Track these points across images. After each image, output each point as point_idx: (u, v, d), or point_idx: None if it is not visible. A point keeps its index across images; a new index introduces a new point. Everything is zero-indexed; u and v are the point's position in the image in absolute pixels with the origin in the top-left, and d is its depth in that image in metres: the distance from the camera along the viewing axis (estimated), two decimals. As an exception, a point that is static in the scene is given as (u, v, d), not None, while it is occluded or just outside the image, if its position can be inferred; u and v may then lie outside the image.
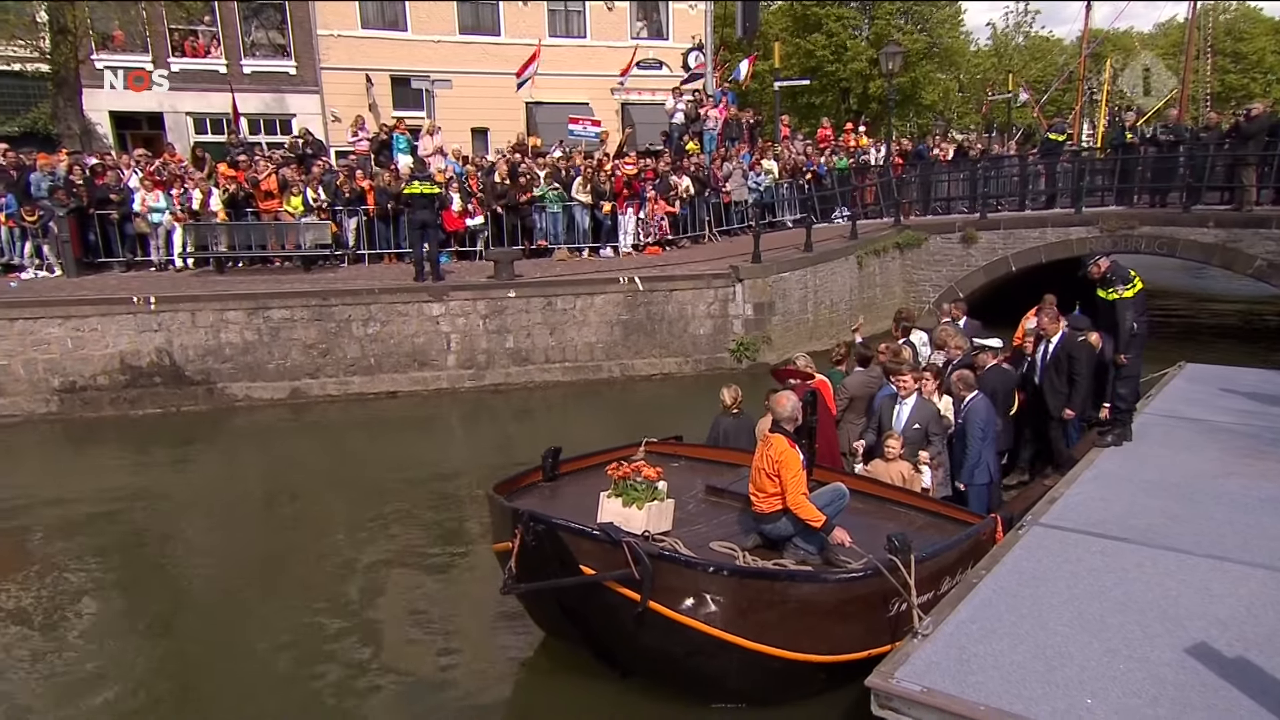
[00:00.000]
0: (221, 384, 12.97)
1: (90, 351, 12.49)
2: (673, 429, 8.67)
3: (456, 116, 23.15)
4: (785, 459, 5.77)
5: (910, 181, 20.50)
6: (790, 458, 5.78)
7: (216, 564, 8.52)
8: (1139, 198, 17.67)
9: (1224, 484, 7.20)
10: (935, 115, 46.73)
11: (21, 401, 12.32)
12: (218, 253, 15.01)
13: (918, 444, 7.57)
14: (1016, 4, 66.47)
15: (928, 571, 5.64)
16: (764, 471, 5.88)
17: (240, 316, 12.97)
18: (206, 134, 22.86)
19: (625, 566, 5.21)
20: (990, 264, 17.60)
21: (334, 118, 23.53)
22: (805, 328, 15.99)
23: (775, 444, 5.86)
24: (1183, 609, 5.29)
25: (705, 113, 21.23)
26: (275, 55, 23.71)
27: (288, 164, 16.23)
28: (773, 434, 5.98)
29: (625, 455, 7.07)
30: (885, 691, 4.68)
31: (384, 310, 13.45)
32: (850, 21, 39.68)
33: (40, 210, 14.33)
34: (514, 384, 14.00)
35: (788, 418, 6.08)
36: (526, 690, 6.42)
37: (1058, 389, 7.95)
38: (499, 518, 6.05)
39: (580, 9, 26.20)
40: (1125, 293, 7.85)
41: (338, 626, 7.10)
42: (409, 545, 8.79)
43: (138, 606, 7.61)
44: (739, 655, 5.36)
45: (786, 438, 5.92)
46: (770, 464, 5.82)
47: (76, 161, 14.90)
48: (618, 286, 14.42)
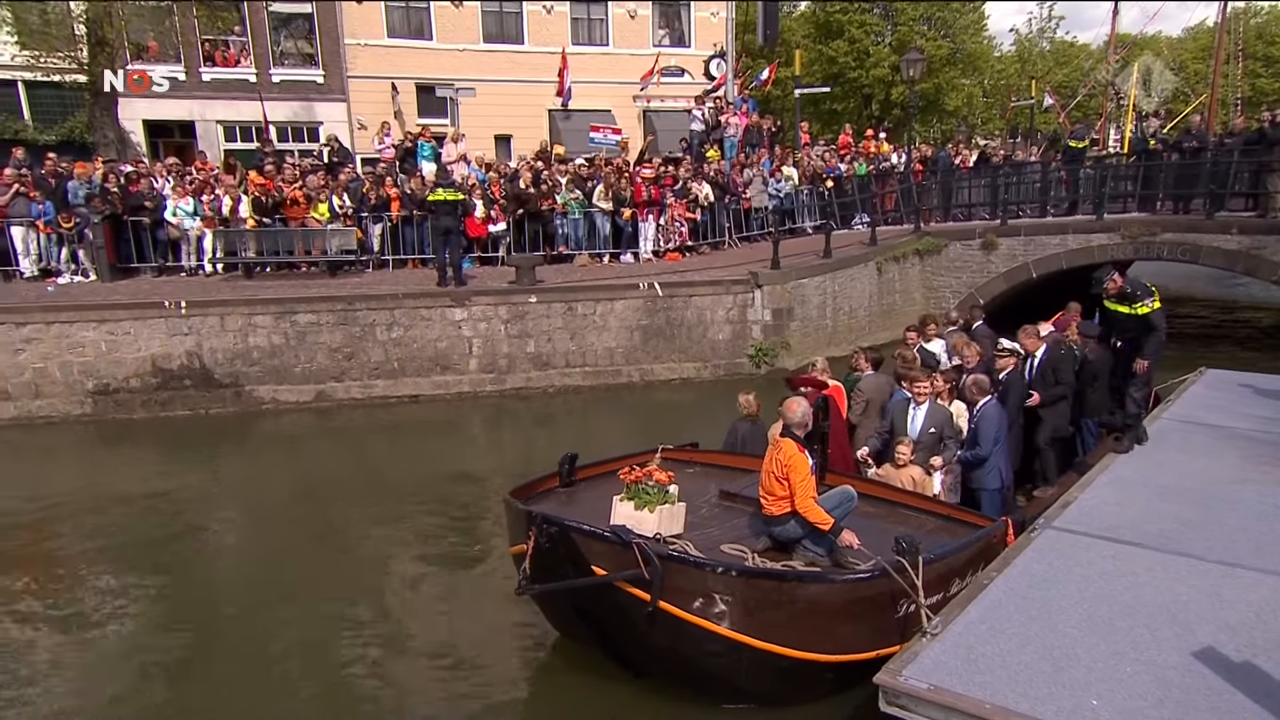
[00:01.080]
0: (249, 387, 13.25)
1: (123, 354, 12.82)
2: (691, 434, 8.80)
3: (480, 124, 23.50)
4: (793, 463, 5.86)
5: (931, 188, 20.49)
6: (798, 462, 5.87)
7: (242, 562, 8.76)
8: (1162, 204, 17.54)
9: (1240, 490, 7.19)
10: (959, 121, 46.49)
11: (58, 403, 12.66)
12: (246, 258, 15.33)
13: (932, 448, 7.64)
14: (1040, 4, 65.83)
15: (936, 573, 5.70)
16: (773, 475, 5.99)
17: (268, 321, 13.25)
18: (236, 142, 23.37)
19: (636, 568, 5.33)
20: (1010, 270, 17.53)
21: (360, 125, 23.96)
22: (824, 333, 16.04)
23: (784, 448, 5.96)
24: (1192, 613, 5.31)
25: (726, 120, 21.36)
26: (304, 64, 24.18)
27: (315, 171, 16.55)
28: (782, 438, 6.08)
29: (641, 461, 7.20)
30: (893, 688, 4.76)
31: (407, 315, 13.68)
32: (873, 28, 39.57)
33: (77, 217, 14.71)
34: (534, 388, 14.18)
35: (798, 423, 6.19)
36: (541, 689, 6.54)
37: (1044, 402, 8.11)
38: (515, 521, 6.19)
39: (603, 17, 26.47)
40: (1154, 305, 8.02)
41: (357, 623, 7.28)
42: (429, 546, 8.97)
43: (165, 603, 7.82)
44: (748, 655, 5.46)
45: (796, 442, 6.02)
46: (779, 468, 5.92)
47: (112, 170, 15.29)
48: (638, 292, 14.56)
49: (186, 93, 22.87)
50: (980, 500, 7.49)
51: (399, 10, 24.72)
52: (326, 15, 23.83)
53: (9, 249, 14.78)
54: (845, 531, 5.88)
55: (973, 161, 21.57)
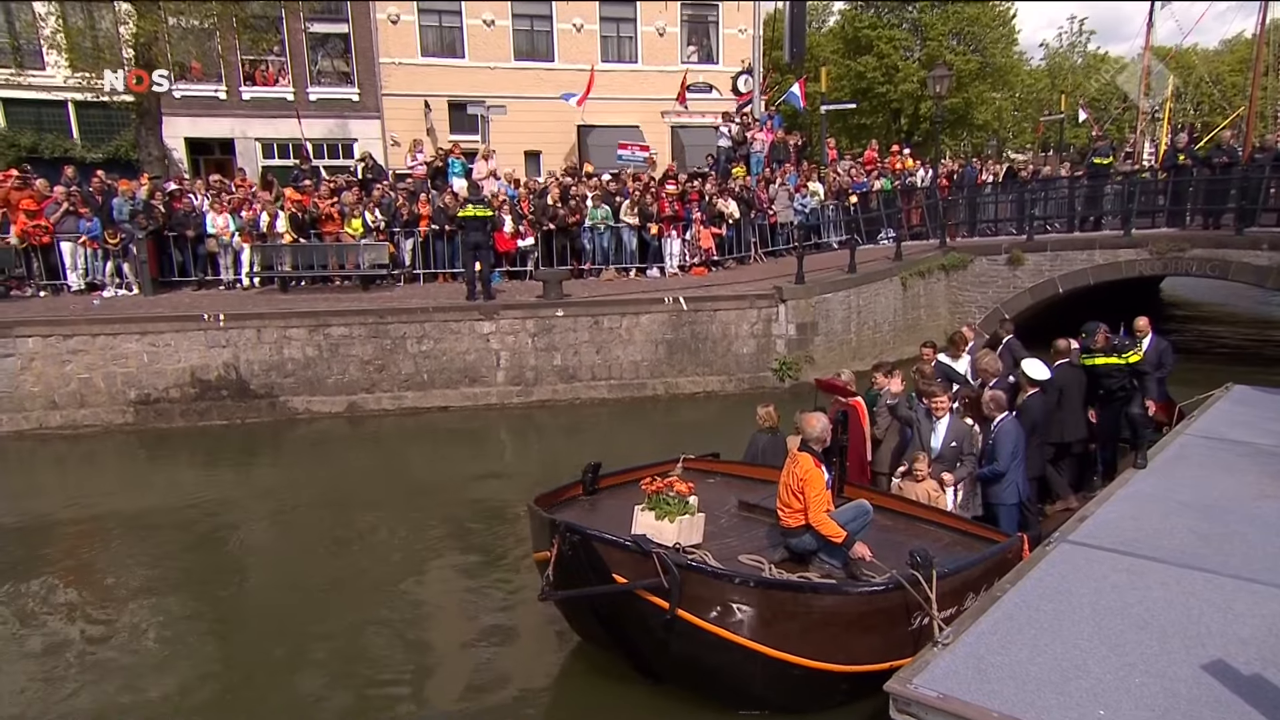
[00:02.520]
0: (283, 397, 13.62)
1: (164, 365, 13.25)
2: (714, 446, 8.96)
3: (511, 140, 23.93)
4: (809, 477, 6.01)
5: (957, 203, 20.50)
6: (814, 476, 6.01)
7: (274, 568, 9.02)
8: (1191, 219, 17.42)
9: (1259, 506, 7.19)
10: (990, 134, 46.31)
11: (101, 412, 13.10)
12: (282, 272, 15.78)
13: (953, 462, 7.74)
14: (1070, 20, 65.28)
15: (950, 587, 5.81)
16: (790, 488, 6.13)
17: (302, 333, 13.63)
18: (274, 158, 24.00)
19: (655, 576, 5.49)
20: (1036, 286, 17.48)
21: (394, 142, 24.50)
22: (848, 348, 16.12)
23: (801, 462, 6.11)
24: (1203, 627, 5.36)
25: (752, 136, 21.55)
26: (339, 83, 24.82)
27: (350, 188, 16.99)
28: (800, 452, 6.22)
29: (663, 471, 7.37)
30: (903, 696, 4.87)
31: (437, 328, 13.99)
32: (902, 43, 39.63)
33: (121, 233, 15.26)
34: (560, 400, 14.41)
35: (816, 438, 6.33)
36: (563, 691, 6.71)
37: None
38: (538, 528, 6.35)
39: (632, 35, 26.86)
40: (1140, 353, 8.73)
41: (384, 627, 7.50)
42: (456, 553, 9.20)
43: (199, 608, 8.07)
44: (763, 663, 5.59)
45: (813, 456, 6.15)
46: (796, 481, 6.07)
47: (157, 187, 15.83)
48: (663, 306, 14.76)
49: (227, 111, 23.60)
50: (998, 515, 7.57)
51: (432, 30, 25.32)
52: (362, 35, 24.48)
53: (58, 264, 15.35)
54: (858, 544, 6.00)
55: (1001, 176, 21.54)
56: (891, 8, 40.37)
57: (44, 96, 21.62)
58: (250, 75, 23.97)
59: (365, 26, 24.41)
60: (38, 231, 14.94)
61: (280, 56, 24.03)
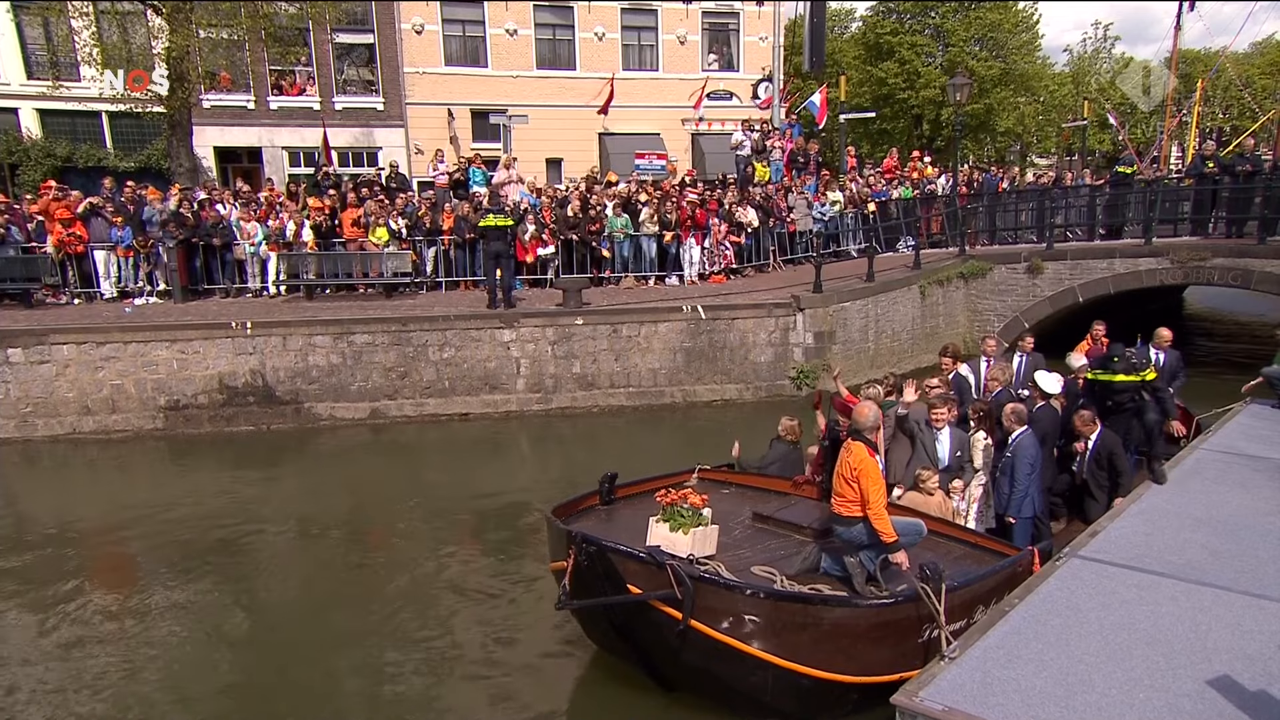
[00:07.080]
0: (308, 404, 13.89)
1: (193, 372, 13.57)
2: (730, 455, 9.06)
3: (532, 147, 24.14)
4: (864, 467, 6.05)
5: (976, 211, 20.47)
6: (870, 466, 6.07)
7: (296, 570, 9.26)
8: (1214, 228, 17.31)
9: (1272, 521, 7.21)
10: (1013, 140, 46.01)
11: (132, 418, 13.43)
12: (308, 280, 16.07)
13: (958, 471, 7.83)
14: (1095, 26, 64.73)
15: (960, 600, 5.91)
16: (844, 477, 6.18)
17: (326, 341, 13.89)
18: (300, 166, 24.37)
19: (669, 588, 5.63)
20: (1056, 294, 17.44)
21: (417, 150, 24.80)
22: (866, 356, 16.17)
23: (855, 451, 6.14)
24: (1211, 643, 5.41)
25: (772, 144, 21.63)
26: (365, 92, 25.19)
27: (374, 197, 17.27)
28: (854, 441, 6.24)
29: (678, 481, 7.50)
30: (909, 708, 4.97)
31: (458, 336, 14.21)
32: (923, 49, 39.51)
33: (153, 241, 15.62)
34: (579, 408, 14.57)
35: (870, 427, 6.36)
36: (578, 699, 6.87)
37: (1100, 484, 8.03)
38: (555, 539, 6.50)
39: (653, 43, 27.02)
40: (1152, 372, 8.67)
41: (403, 634, 7.70)
42: (474, 560, 9.39)
43: (222, 613, 8.26)
44: (775, 673, 5.72)
45: (868, 446, 6.19)
46: (850, 470, 6.11)
47: (187, 196, 16.18)
48: (681, 314, 14.90)
49: (255, 120, 24.02)
50: (1012, 528, 7.63)
51: (456, 39, 25.62)
52: (387, 45, 24.81)
53: (92, 272, 15.74)
54: (900, 552, 6.09)
55: (1019, 184, 21.49)
56: (913, 13, 40.30)
57: (79, 107, 22.13)
58: (278, 85, 24.39)
59: (390, 36, 24.75)
60: (73, 240, 15.33)
61: (307, 67, 24.43)
